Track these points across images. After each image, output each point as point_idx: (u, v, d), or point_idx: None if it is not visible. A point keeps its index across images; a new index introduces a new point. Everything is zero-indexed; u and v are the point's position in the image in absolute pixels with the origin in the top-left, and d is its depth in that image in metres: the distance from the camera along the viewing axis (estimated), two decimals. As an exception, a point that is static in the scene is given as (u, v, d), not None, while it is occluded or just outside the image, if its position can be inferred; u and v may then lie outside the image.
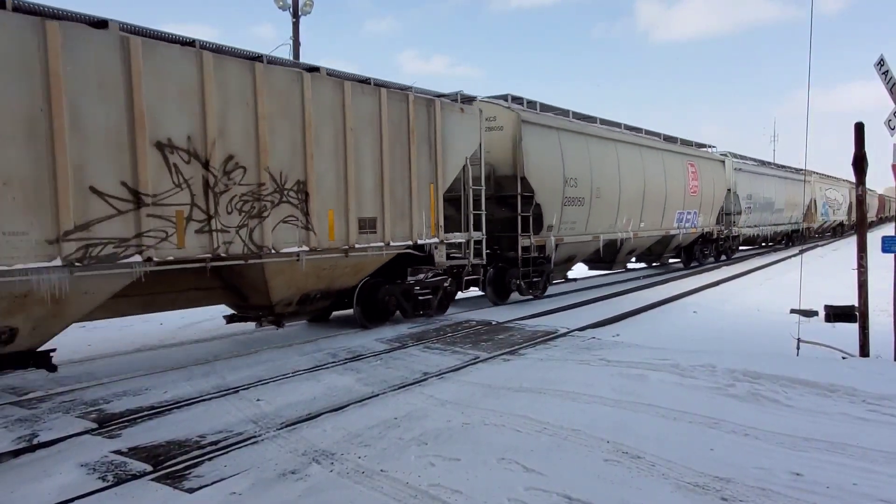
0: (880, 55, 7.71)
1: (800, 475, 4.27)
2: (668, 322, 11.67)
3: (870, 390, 6.00)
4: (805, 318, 10.81)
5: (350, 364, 7.72)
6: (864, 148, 7.76)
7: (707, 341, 9.46)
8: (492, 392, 6.39)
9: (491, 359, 7.96)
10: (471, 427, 5.32)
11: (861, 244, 7.87)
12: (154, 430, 5.38)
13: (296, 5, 17.98)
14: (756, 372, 6.65)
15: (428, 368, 7.43)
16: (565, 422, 5.36)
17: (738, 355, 7.61)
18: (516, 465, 4.50)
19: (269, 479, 4.34)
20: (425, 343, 8.96)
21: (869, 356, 7.68)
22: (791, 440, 4.91)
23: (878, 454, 4.60)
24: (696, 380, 6.59)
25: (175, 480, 4.36)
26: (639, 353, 7.90)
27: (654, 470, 4.39)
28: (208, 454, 4.81)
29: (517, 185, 12.48)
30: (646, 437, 4.98)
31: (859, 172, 7.84)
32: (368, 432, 5.23)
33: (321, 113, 8.53)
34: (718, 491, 4.06)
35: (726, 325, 11.33)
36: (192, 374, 7.32)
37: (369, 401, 6.17)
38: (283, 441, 5.08)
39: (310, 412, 5.79)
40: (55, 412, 5.91)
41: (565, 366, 7.48)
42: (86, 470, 4.56)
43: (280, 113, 8.05)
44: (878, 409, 5.59)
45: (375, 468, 4.48)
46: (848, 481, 4.17)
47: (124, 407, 6.05)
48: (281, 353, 8.43)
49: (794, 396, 5.98)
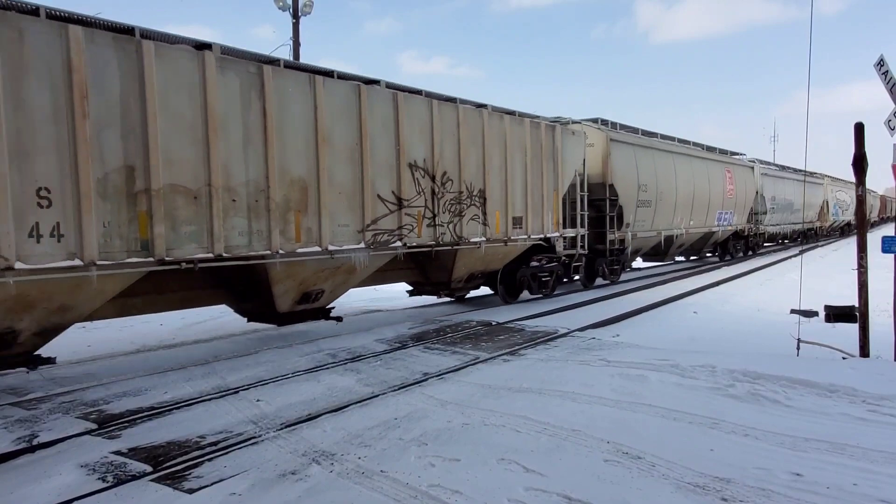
0: (880, 55, 7.72)
1: (800, 476, 4.27)
2: (669, 322, 11.67)
3: (870, 391, 6.00)
4: (805, 319, 10.80)
5: (350, 365, 7.72)
6: (864, 148, 7.76)
7: (707, 342, 9.46)
8: (492, 392, 6.39)
9: (491, 359, 7.96)
10: (471, 427, 5.32)
11: (861, 244, 7.87)
12: (154, 431, 5.38)
13: (296, 6, 17.98)
14: (756, 372, 6.65)
15: (428, 369, 7.43)
16: (565, 422, 5.36)
17: (738, 355, 7.61)
18: (516, 465, 4.50)
19: (268, 480, 4.34)
20: (425, 343, 8.96)
21: (869, 356, 7.67)
22: (791, 440, 4.90)
23: (879, 455, 4.59)
24: (696, 380, 6.59)
25: (175, 481, 4.36)
26: (639, 354, 7.90)
27: (654, 470, 4.39)
28: (208, 455, 4.81)
29: (605, 190, 15.50)
30: (646, 438, 4.98)
31: (859, 173, 7.84)
32: (368, 433, 5.23)
33: (492, 140, 11.50)
34: (719, 491, 4.06)
35: (726, 325, 11.32)
36: (192, 374, 7.32)
37: (369, 401, 6.16)
38: (283, 442, 5.08)
39: (310, 413, 5.78)
40: (55, 413, 5.91)
41: (565, 366, 7.48)
42: (86, 470, 4.56)
43: (470, 141, 11.00)
44: (878, 409, 5.59)
45: (375, 469, 4.48)
46: (848, 482, 4.17)
47: (124, 407, 6.05)
48: (281, 353, 8.42)
49: (795, 397, 5.98)
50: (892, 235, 7.68)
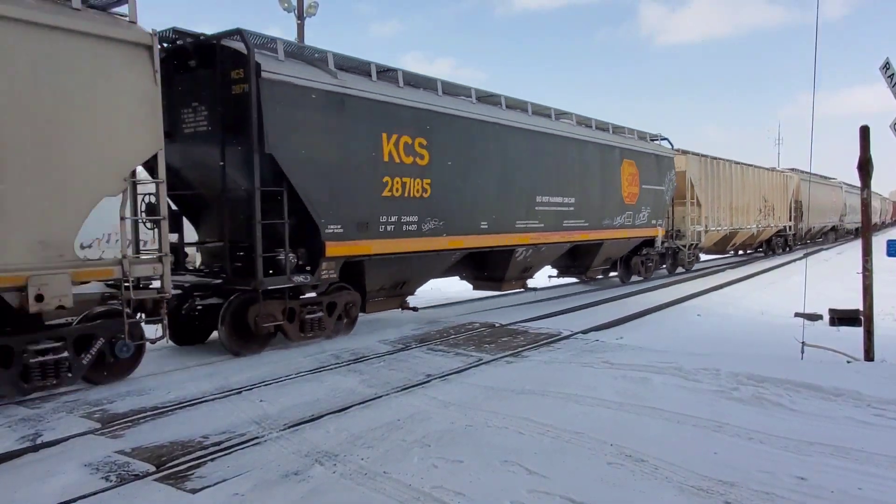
0: (886, 58, 7.70)
1: (804, 479, 4.25)
2: (672, 325, 11.64)
3: (875, 394, 5.97)
4: (809, 322, 10.75)
5: (353, 366, 7.72)
6: (870, 151, 7.74)
7: (711, 344, 9.42)
8: (495, 394, 6.38)
9: (494, 361, 7.95)
10: (473, 429, 5.31)
11: (866, 248, 7.84)
12: (157, 431, 5.38)
13: (300, 7, 17.97)
14: (760, 375, 6.62)
15: (431, 370, 7.42)
16: (568, 424, 5.35)
17: (742, 358, 7.58)
18: (519, 467, 4.49)
19: (271, 481, 4.34)
20: (429, 345, 8.96)
21: (874, 360, 7.65)
22: (795, 444, 4.88)
23: (883, 458, 4.57)
24: (699, 383, 6.57)
25: (178, 481, 4.36)
26: (642, 356, 7.88)
27: (657, 473, 4.38)
28: (211, 455, 4.81)
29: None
30: (649, 441, 4.96)
31: (865, 176, 7.82)
32: (371, 434, 5.23)
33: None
34: (722, 495, 4.05)
35: (730, 328, 11.29)
36: (196, 374, 7.33)
37: (372, 402, 6.16)
38: (286, 442, 5.08)
39: (313, 413, 5.78)
40: (59, 412, 5.92)
41: (568, 368, 7.47)
42: (89, 470, 4.56)
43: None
44: (883, 413, 5.56)
45: (378, 470, 4.48)
46: (853, 486, 4.15)
47: (128, 407, 6.06)
48: (284, 354, 8.43)
49: (799, 400, 5.96)
50: (897, 239, 7.66)
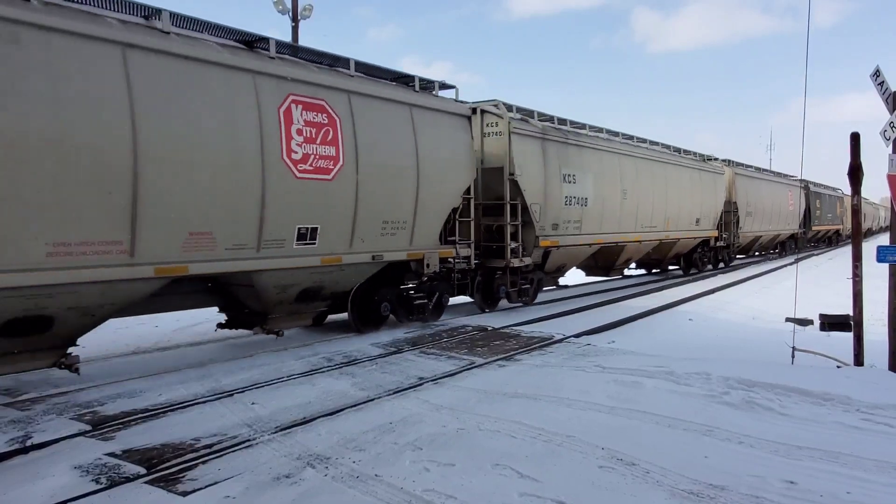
0: (876, 66, 7.76)
1: (794, 483, 4.28)
2: (664, 329, 11.69)
3: (864, 399, 6.02)
4: (800, 327, 10.80)
5: (345, 368, 7.71)
6: (860, 158, 7.81)
7: (702, 349, 9.48)
8: (487, 398, 6.39)
9: (486, 364, 7.95)
10: (466, 432, 5.31)
11: (856, 254, 7.90)
12: (148, 433, 5.36)
13: (295, 9, 17.96)
14: (751, 380, 6.66)
15: (423, 373, 7.42)
16: (560, 428, 5.36)
17: (733, 363, 7.62)
18: (511, 470, 4.50)
19: (263, 483, 4.33)
20: (421, 348, 8.96)
21: (863, 365, 7.70)
22: (785, 448, 4.91)
23: (872, 463, 4.61)
24: (690, 387, 6.60)
25: (169, 483, 4.35)
26: (634, 360, 7.91)
27: (648, 477, 4.40)
28: (203, 457, 4.80)
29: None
30: (640, 444, 4.98)
31: (855, 182, 7.88)
32: (363, 437, 5.22)
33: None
34: (713, 499, 4.07)
35: (721, 332, 11.35)
36: (187, 377, 7.30)
37: (364, 405, 6.16)
38: (278, 445, 5.07)
39: (305, 416, 5.77)
40: (49, 414, 5.88)
41: (560, 372, 7.48)
42: (79, 472, 4.54)
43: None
44: (872, 418, 5.60)
45: (370, 473, 4.48)
46: (842, 490, 4.18)
47: (119, 409, 6.03)
48: (276, 356, 8.41)
49: (789, 405, 5.99)
50: (887, 245, 7.70)
